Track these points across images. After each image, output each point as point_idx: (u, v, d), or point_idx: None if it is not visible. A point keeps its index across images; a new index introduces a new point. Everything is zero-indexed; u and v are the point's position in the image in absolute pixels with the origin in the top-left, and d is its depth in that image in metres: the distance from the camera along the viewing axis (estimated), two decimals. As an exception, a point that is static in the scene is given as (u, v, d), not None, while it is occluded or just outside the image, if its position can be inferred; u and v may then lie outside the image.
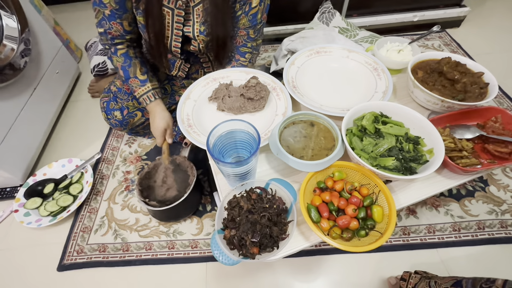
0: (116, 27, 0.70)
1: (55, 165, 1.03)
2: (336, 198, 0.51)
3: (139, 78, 0.75)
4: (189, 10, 0.69)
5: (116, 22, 0.69)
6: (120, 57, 0.74)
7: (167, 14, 0.68)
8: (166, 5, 0.67)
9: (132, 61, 0.75)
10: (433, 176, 0.59)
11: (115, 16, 0.68)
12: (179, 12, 0.68)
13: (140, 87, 0.75)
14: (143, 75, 0.76)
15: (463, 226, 0.82)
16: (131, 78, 0.75)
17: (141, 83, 0.75)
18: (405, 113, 0.60)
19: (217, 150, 0.50)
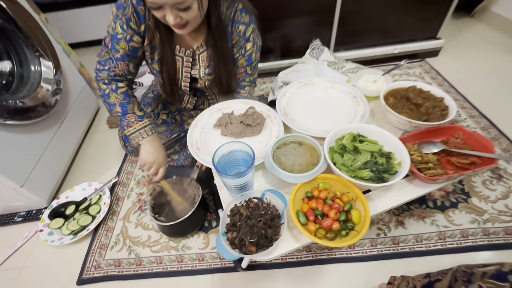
0: (122, 67, 0.79)
1: (77, 188, 1.14)
2: (321, 204, 0.61)
3: (137, 114, 0.80)
4: (195, 57, 0.85)
5: (124, 63, 0.78)
6: (120, 94, 0.79)
7: (178, 61, 0.84)
8: (177, 54, 0.83)
9: (131, 99, 0.81)
10: (406, 185, 0.69)
11: (125, 59, 0.78)
12: (188, 59, 0.84)
13: (138, 122, 0.79)
14: (140, 112, 0.81)
15: (448, 235, 0.89)
16: (129, 114, 0.79)
17: (139, 118, 0.80)
18: (379, 133, 0.72)
19: (221, 166, 0.62)
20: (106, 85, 0.79)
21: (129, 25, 0.74)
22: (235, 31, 0.81)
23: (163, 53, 0.81)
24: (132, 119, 0.79)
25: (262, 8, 0.84)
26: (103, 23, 2.13)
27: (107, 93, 0.79)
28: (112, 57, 0.78)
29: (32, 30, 1.13)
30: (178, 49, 0.82)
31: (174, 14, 0.64)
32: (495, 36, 1.76)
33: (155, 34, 0.78)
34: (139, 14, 0.73)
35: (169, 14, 0.64)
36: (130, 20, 0.73)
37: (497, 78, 1.45)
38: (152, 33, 0.78)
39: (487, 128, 1.20)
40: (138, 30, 0.76)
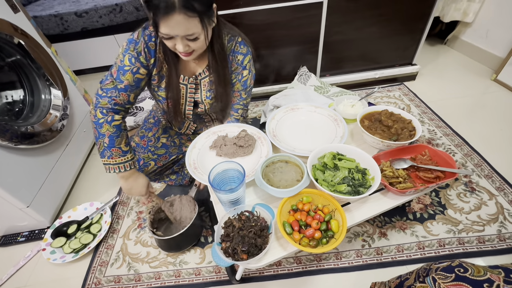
0: (123, 97, 0.83)
1: (79, 208, 1.20)
2: (305, 216, 0.69)
3: (122, 149, 0.83)
4: (197, 82, 0.96)
5: (126, 94, 0.83)
6: (113, 127, 0.82)
7: (182, 88, 0.95)
8: (181, 83, 0.94)
9: (121, 133, 0.84)
10: (380, 198, 0.78)
11: (127, 89, 0.82)
12: (191, 86, 0.95)
13: (120, 157, 0.82)
14: (126, 147, 0.84)
15: (426, 244, 0.96)
16: (115, 147, 0.82)
17: (123, 153, 0.83)
18: (356, 152, 0.81)
19: (216, 183, 0.70)
20: (103, 115, 0.81)
21: (139, 59, 0.83)
22: (234, 59, 0.93)
23: (170, 81, 0.91)
24: (116, 153, 0.82)
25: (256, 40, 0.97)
26: (105, 52, 2.29)
27: (101, 122, 0.81)
28: (116, 87, 0.82)
29: (44, 62, 1.24)
30: (182, 78, 0.93)
31: (184, 43, 0.75)
32: (466, 61, 1.94)
33: (164, 65, 0.89)
34: (149, 49, 0.84)
35: (179, 43, 0.74)
36: (140, 55, 0.83)
37: (470, 100, 1.59)
38: (161, 64, 0.89)
39: (460, 145, 1.31)
40: (146, 63, 0.86)
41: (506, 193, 1.08)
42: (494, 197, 1.08)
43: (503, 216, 1.01)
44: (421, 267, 0.57)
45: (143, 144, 1.12)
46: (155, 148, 1.13)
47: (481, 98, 1.59)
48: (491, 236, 0.96)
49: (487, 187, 1.11)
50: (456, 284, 0.43)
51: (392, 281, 0.67)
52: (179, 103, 0.96)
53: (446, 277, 0.46)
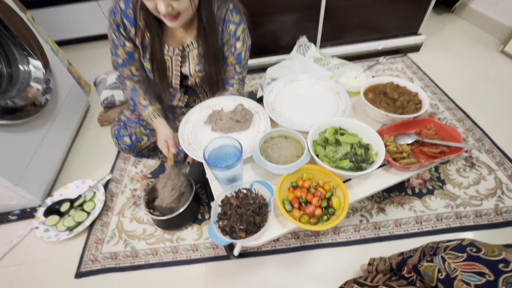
0: (126, 72, 0.89)
1: (70, 186, 1.16)
2: (305, 193, 0.67)
3: (142, 104, 0.92)
4: (185, 55, 0.88)
5: (127, 68, 0.88)
6: (128, 90, 0.92)
7: (167, 60, 0.87)
8: (166, 54, 0.86)
9: (137, 91, 0.92)
10: (382, 174, 0.75)
11: (125, 64, 0.87)
12: (176, 58, 0.87)
13: (144, 111, 0.92)
14: (145, 101, 0.92)
15: (424, 219, 0.96)
16: (137, 104, 0.92)
17: (144, 107, 0.92)
18: (359, 126, 0.77)
19: (211, 160, 0.66)
20: (121, 84, 0.93)
21: (120, 32, 0.77)
22: (226, 30, 0.84)
23: (153, 52, 0.83)
24: (141, 109, 0.92)
25: (250, 5, 0.87)
26: (88, 20, 2.11)
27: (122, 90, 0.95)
28: (118, 64, 0.87)
29: (19, 29, 1.13)
30: (167, 48, 0.85)
31: (165, 3, 0.66)
32: (473, 31, 1.84)
33: (146, 33, 0.80)
34: (128, 18, 0.75)
35: (161, 3, 0.66)
36: (120, 27, 0.76)
37: (474, 72, 1.53)
38: (143, 33, 0.80)
39: (462, 120, 1.28)
40: (127, 35, 0.79)
41: (506, 167, 1.07)
42: (493, 172, 1.07)
43: (501, 190, 1.01)
44: (426, 245, 0.56)
45: (134, 118, 1.06)
46: (147, 123, 1.08)
47: (486, 71, 1.53)
48: (488, 210, 0.96)
49: (487, 162, 1.10)
50: (468, 264, 0.41)
51: (393, 257, 0.66)
52: (165, 75, 0.89)
53: (457, 257, 0.44)
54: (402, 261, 0.60)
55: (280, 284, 0.87)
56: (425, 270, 0.47)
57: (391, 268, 0.65)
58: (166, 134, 0.91)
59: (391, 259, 0.67)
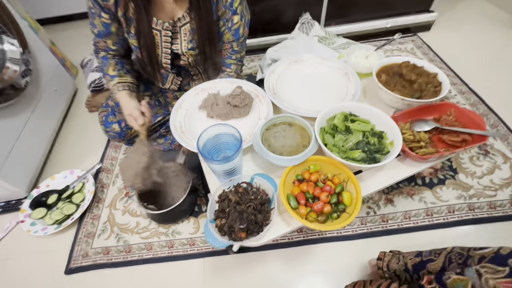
0: (102, 44, 0.81)
1: (58, 176, 1.09)
2: (312, 187, 0.60)
3: (110, 74, 0.83)
4: (176, 30, 0.78)
5: (102, 40, 0.80)
6: (100, 59, 0.84)
7: (156, 35, 0.77)
8: (154, 27, 0.76)
9: (108, 61, 0.83)
10: (397, 165, 0.68)
11: (101, 36, 0.79)
12: (166, 33, 0.77)
13: (110, 82, 0.83)
14: (113, 72, 0.83)
15: (435, 211, 0.90)
16: (106, 75, 0.84)
17: (111, 78, 0.83)
18: (371, 112, 0.69)
19: (206, 151, 0.58)
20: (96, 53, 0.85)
21: (96, 0, 0.67)
22: (221, 1, 0.74)
23: (139, 25, 0.73)
24: (107, 80, 0.84)
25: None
26: (74, -5, 1.95)
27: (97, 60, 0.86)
28: (94, 33, 0.79)
29: (-10, 3, 1.00)
30: (155, 21, 0.75)
31: None
32: (488, 8, 1.72)
33: (129, 3, 0.70)
34: None
35: None
36: None
37: (489, 54, 1.43)
38: (126, 2, 0.70)
39: (476, 105, 1.20)
40: (104, 4, 0.69)
41: (522, 155, 1.01)
42: (508, 160, 1.00)
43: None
44: (452, 251, 0.49)
45: None
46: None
47: (502, 51, 1.43)
48: (503, 202, 0.90)
49: (502, 150, 1.03)
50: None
51: (409, 256, 0.60)
52: (154, 52, 0.79)
53: (497, 271, 0.36)
54: (421, 264, 0.54)
55: (281, 280, 0.82)
56: (454, 284, 0.40)
57: (406, 269, 0.60)
58: (129, 106, 0.80)
59: (406, 257, 0.61)
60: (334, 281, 0.80)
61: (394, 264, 0.67)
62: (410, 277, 0.58)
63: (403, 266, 0.62)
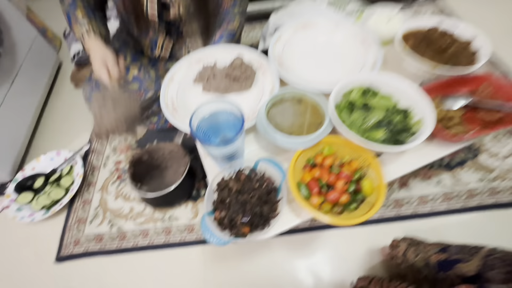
0: None
1: (43, 158, 1.00)
2: (326, 173, 0.51)
3: (77, 16, 0.67)
4: None
5: None
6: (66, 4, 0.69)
7: None
8: None
9: (77, 4, 0.68)
10: (423, 146, 0.59)
11: None
12: None
13: (76, 25, 0.68)
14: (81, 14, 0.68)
15: (454, 195, 0.83)
16: (72, 20, 0.68)
17: (80, 23, 0.68)
18: (395, 84, 0.59)
19: (202, 132, 0.49)
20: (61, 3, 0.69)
21: None
22: None
23: None
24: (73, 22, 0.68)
25: None
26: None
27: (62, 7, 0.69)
28: None
29: None
30: None
31: None
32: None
33: None
34: None
35: None
36: None
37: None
38: None
39: (502, 76, 1.08)
40: None
41: (552, 135, 0.91)
42: (536, 140, 0.91)
43: (545, 161, 0.87)
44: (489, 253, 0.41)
45: None
46: (126, 82, 0.88)
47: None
48: (528, 185, 0.83)
49: (529, 128, 0.94)
50: None
51: (431, 251, 0.53)
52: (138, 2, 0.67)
53: None
54: (447, 263, 0.47)
55: (286, 268, 0.76)
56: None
57: (428, 264, 0.53)
58: (102, 53, 0.67)
59: (428, 251, 0.54)
60: (344, 269, 0.75)
61: (412, 256, 0.61)
62: (434, 274, 0.51)
63: (423, 261, 0.56)
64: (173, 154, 0.89)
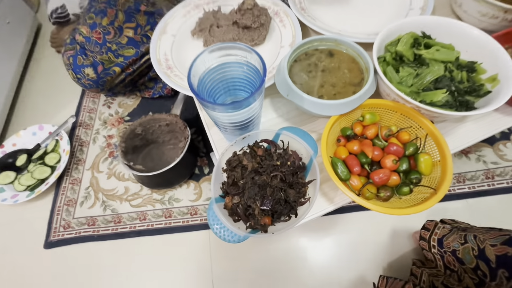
0: None
1: (24, 133, 0.89)
2: (369, 147, 0.39)
3: None
4: None
5: None
6: None
7: None
8: None
9: None
10: (487, 113, 0.46)
11: None
12: None
13: None
14: None
15: (497, 173, 0.72)
16: None
17: None
18: (456, 30, 0.45)
19: (205, 90, 0.36)
20: None
21: None
22: None
23: None
24: None
25: None
26: None
27: None
28: None
29: None
30: None
31: None
32: None
33: None
34: None
35: None
36: None
37: None
38: None
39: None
40: None
41: None
42: None
43: None
44: None
45: (97, 38, 0.73)
46: (119, 46, 0.74)
47: None
48: None
49: None
50: None
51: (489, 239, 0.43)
52: None
53: None
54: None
55: (303, 257, 0.68)
56: None
57: (482, 256, 0.42)
58: None
59: (483, 239, 0.43)
60: (370, 256, 0.66)
61: (455, 243, 0.51)
62: (489, 271, 0.41)
63: (475, 251, 0.45)
64: (171, 127, 0.77)
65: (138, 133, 0.75)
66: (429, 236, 0.57)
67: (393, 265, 0.65)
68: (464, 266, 0.45)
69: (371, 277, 0.64)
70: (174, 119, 0.75)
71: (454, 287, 0.44)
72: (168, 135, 0.79)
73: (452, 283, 0.45)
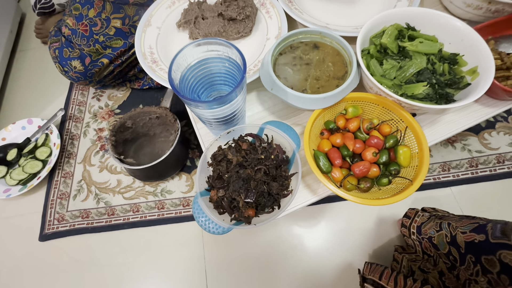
0: None
1: (13, 127, 0.88)
2: (350, 140, 0.40)
3: None
4: None
5: None
6: None
7: None
8: None
9: None
10: (468, 104, 0.47)
11: None
12: None
13: None
14: None
15: (481, 161, 0.74)
16: None
17: None
18: (440, 22, 0.45)
19: (187, 86, 0.36)
20: None
21: None
22: None
23: None
24: None
25: None
26: None
27: None
28: None
29: None
30: None
31: None
32: None
33: None
34: None
35: None
36: None
37: None
38: None
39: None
40: None
41: None
42: None
43: None
44: None
45: (83, 31, 0.71)
46: (106, 38, 0.73)
47: None
48: None
49: None
50: None
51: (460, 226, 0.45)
52: None
53: None
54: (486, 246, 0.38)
55: (293, 244, 0.70)
56: None
57: (453, 242, 0.45)
58: None
59: (455, 227, 0.45)
60: (357, 243, 0.69)
61: (431, 230, 0.53)
62: (459, 256, 0.43)
63: (448, 238, 0.47)
64: (162, 120, 0.77)
65: (128, 127, 0.75)
66: (410, 223, 0.59)
67: (379, 251, 0.68)
68: (439, 251, 0.47)
69: (358, 262, 0.67)
70: (164, 111, 0.75)
71: (430, 271, 0.47)
72: (159, 127, 0.79)
73: (428, 267, 0.48)
